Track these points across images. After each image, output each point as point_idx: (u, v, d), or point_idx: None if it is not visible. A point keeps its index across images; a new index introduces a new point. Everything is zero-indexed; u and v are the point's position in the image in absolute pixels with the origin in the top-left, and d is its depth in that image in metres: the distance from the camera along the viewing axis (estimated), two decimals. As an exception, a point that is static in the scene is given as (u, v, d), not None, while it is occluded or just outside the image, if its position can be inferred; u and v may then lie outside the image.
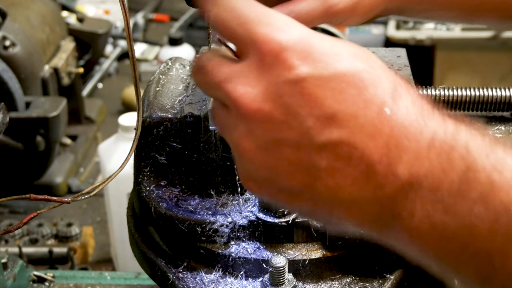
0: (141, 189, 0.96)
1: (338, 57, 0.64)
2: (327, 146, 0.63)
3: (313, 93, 0.62)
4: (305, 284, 0.90)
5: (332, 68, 0.63)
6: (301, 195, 0.66)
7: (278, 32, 0.64)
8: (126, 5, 0.86)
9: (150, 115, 0.97)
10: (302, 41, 0.64)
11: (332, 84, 0.62)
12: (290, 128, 0.63)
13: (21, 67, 2.06)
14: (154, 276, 0.96)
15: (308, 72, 0.63)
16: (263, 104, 0.63)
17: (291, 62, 0.63)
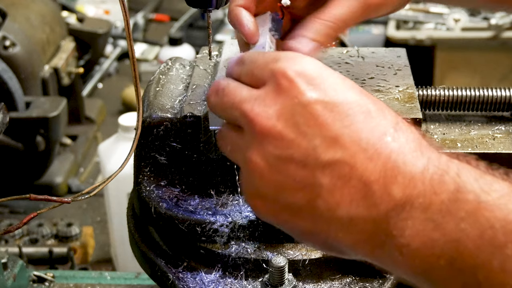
0: (141, 189, 0.96)
1: (347, 89, 0.71)
2: (330, 165, 0.68)
3: (321, 115, 0.69)
4: (305, 284, 0.90)
5: (341, 96, 0.70)
6: (302, 213, 0.71)
7: (294, 63, 0.72)
8: (126, 5, 0.86)
9: (150, 115, 0.97)
10: (315, 71, 0.71)
11: (340, 109, 0.69)
12: (298, 146, 0.69)
13: (21, 67, 2.06)
14: (154, 276, 0.96)
15: (319, 96, 0.70)
16: (277, 123, 0.70)
17: (304, 87, 0.70)
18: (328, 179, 0.68)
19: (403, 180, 0.67)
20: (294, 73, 0.71)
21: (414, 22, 2.74)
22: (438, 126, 1.00)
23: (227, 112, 0.76)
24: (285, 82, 0.71)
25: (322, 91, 0.70)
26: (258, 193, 0.73)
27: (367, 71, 1.02)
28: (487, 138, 0.97)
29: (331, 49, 1.10)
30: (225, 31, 3.03)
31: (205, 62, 1.06)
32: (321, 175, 0.68)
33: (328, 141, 0.68)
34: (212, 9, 0.93)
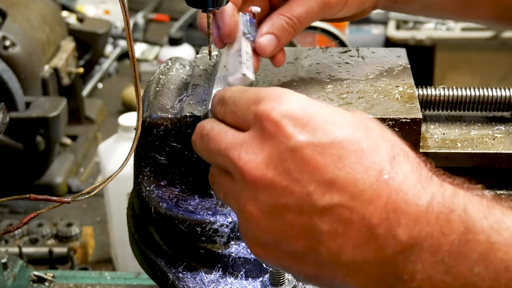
0: (141, 189, 0.96)
1: (337, 125, 0.67)
2: (328, 210, 0.65)
3: (313, 159, 0.66)
4: (305, 284, 0.90)
5: (331, 136, 0.66)
6: (305, 259, 0.68)
7: (278, 104, 0.68)
8: (126, 5, 0.86)
9: (150, 115, 0.97)
10: (301, 110, 0.67)
11: (331, 150, 0.66)
12: (292, 193, 0.66)
13: (21, 67, 2.06)
14: (154, 276, 0.96)
15: (307, 139, 0.66)
16: (266, 171, 0.67)
17: (291, 131, 0.66)
18: (328, 225, 0.65)
19: (408, 221, 0.64)
20: (279, 115, 0.67)
21: (414, 22, 2.74)
22: (438, 126, 1.00)
23: (214, 159, 0.74)
24: (270, 126, 0.67)
25: (311, 133, 0.66)
26: (257, 241, 0.70)
27: (367, 71, 1.02)
28: (487, 138, 0.97)
29: (331, 49, 1.10)
30: (225, 31, 3.03)
31: (205, 62, 1.06)
32: (320, 221, 0.66)
33: (323, 185, 0.65)
34: (212, 9, 0.93)
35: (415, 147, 0.92)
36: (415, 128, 0.91)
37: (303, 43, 2.10)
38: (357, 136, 0.67)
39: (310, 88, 0.98)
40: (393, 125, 0.91)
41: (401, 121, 0.91)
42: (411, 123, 0.91)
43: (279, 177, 0.66)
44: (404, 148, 0.68)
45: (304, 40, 2.40)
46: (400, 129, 0.91)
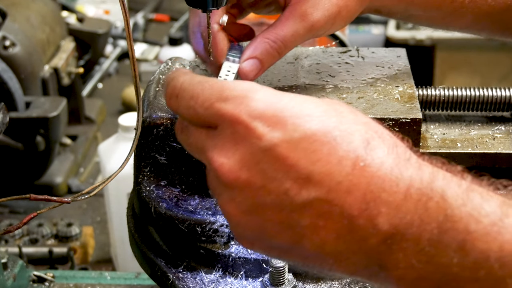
0: (141, 189, 0.96)
1: (307, 118, 0.66)
2: (307, 205, 0.65)
3: (286, 156, 0.65)
4: (305, 284, 0.90)
5: (302, 130, 0.65)
6: (290, 251, 0.69)
7: (245, 105, 0.67)
8: (126, 5, 0.86)
9: (150, 115, 0.97)
10: (270, 108, 0.67)
11: (303, 145, 0.65)
12: (269, 192, 0.66)
13: (21, 67, 2.06)
14: (154, 276, 0.96)
15: (279, 137, 0.65)
16: (240, 173, 0.67)
17: (261, 131, 0.66)
18: (308, 219, 0.65)
19: (387, 210, 0.64)
20: (248, 117, 0.67)
21: (414, 22, 2.74)
22: (438, 126, 1.00)
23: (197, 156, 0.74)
24: (241, 129, 0.67)
25: (282, 130, 0.65)
26: (243, 236, 0.71)
27: (367, 71, 1.02)
28: (487, 138, 0.97)
29: (331, 49, 1.10)
30: (225, 31, 3.03)
31: (205, 62, 1.06)
32: (300, 217, 0.65)
33: (300, 182, 0.65)
34: (212, 9, 0.93)
35: (415, 147, 0.92)
36: (415, 128, 0.91)
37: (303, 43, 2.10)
38: (328, 125, 0.66)
39: (310, 88, 0.98)
40: (393, 125, 0.91)
41: (401, 121, 0.91)
42: (411, 123, 0.91)
43: (254, 177, 0.66)
44: (378, 130, 0.67)
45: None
46: (400, 129, 0.91)
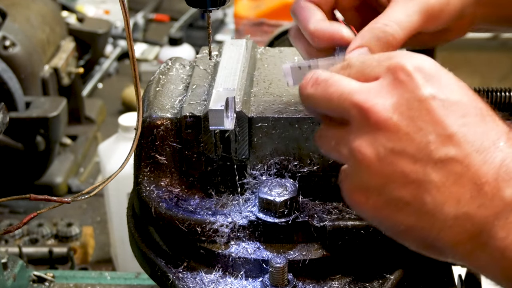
0: (141, 189, 0.96)
1: (462, 89, 0.71)
2: (442, 162, 0.69)
3: (438, 112, 0.69)
4: (305, 284, 0.90)
5: (457, 95, 0.70)
6: (407, 208, 0.70)
7: (411, 58, 0.72)
8: (126, 5, 0.86)
9: (150, 115, 0.97)
10: (433, 69, 0.72)
11: (456, 108, 0.70)
12: (411, 141, 0.69)
13: (21, 67, 2.06)
14: (154, 276, 0.96)
15: (436, 93, 0.70)
16: (392, 115, 0.70)
17: (422, 82, 0.70)
18: (439, 176, 0.68)
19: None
20: (412, 67, 0.71)
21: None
22: (438, 126, 1.00)
23: (332, 103, 0.74)
24: (402, 76, 0.70)
25: (439, 88, 0.70)
26: (363, 186, 0.73)
27: (367, 71, 1.02)
28: (487, 138, 0.97)
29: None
30: (225, 31, 3.04)
31: (205, 62, 1.06)
32: (432, 171, 0.69)
33: (443, 138, 0.69)
34: (212, 9, 0.93)
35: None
36: (415, 128, 0.91)
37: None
38: (480, 104, 0.70)
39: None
40: (393, 125, 0.91)
41: (401, 121, 0.91)
42: None
43: (402, 122, 0.69)
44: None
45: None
46: (400, 129, 0.91)
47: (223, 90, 0.93)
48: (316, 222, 0.90)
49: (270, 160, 0.94)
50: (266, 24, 2.48)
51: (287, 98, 0.96)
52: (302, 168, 0.94)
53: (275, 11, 2.58)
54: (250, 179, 0.95)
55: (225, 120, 0.89)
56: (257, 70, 1.05)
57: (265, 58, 1.08)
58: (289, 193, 0.90)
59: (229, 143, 0.94)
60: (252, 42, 1.08)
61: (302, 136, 0.93)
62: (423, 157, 0.69)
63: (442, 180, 0.68)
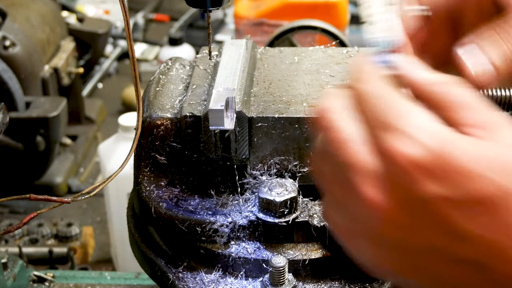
0: (141, 189, 0.96)
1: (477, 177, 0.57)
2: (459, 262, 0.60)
3: (446, 215, 0.58)
4: (305, 284, 0.90)
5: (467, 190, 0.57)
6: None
7: (406, 144, 0.58)
8: (126, 5, 0.86)
9: (150, 115, 0.97)
10: (435, 155, 0.58)
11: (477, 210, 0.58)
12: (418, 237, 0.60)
13: (21, 67, 2.06)
14: (154, 276, 0.96)
15: (441, 193, 0.58)
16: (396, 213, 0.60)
17: (422, 182, 0.58)
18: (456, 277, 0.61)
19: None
20: (404, 161, 0.58)
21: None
22: (438, 126, 1.00)
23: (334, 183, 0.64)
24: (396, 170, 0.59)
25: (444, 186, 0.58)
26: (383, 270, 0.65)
27: (367, 71, 1.02)
28: (487, 138, 0.97)
29: (331, 49, 1.10)
30: (225, 31, 3.04)
31: (205, 62, 1.06)
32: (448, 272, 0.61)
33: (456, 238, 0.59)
34: (212, 9, 0.93)
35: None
36: (415, 128, 0.91)
37: (303, 43, 2.10)
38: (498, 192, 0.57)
39: (310, 88, 0.98)
40: (393, 125, 0.91)
41: (401, 121, 0.91)
42: None
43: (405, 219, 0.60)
44: None
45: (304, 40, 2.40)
46: (400, 129, 0.91)
47: (223, 90, 0.93)
48: (316, 222, 0.90)
49: (270, 160, 0.94)
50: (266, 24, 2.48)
51: (287, 98, 0.96)
52: (302, 168, 0.94)
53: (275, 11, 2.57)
54: (250, 179, 0.95)
55: (225, 120, 0.89)
56: (257, 70, 1.05)
57: (265, 58, 1.08)
58: (289, 193, 0.90)
59: (229, 143, 0.94)
60: (252, 42, 1.08)
61: (302, 136, 0.93)
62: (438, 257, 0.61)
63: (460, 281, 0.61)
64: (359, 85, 0.63)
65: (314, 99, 0.95)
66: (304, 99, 0.95)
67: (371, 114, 0.61)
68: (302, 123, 0.92)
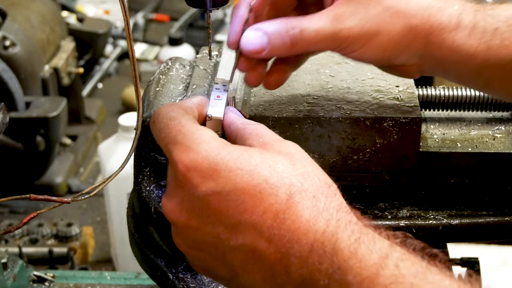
0: (141, 189, 0.96)
1: (238, 171, 0.72)
2: (236, 249, 0.72)
3: (217, 206, 0.72)
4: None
5: (232, 184, 0.71)
6: (232, 283, 0.76)
7: (186, 153, 0.74)
8: (126, 5, 0.86)
9: (150, 115, 0.97)
10: (207, 160, 0.73)
11: (232, 197, 0.71)
12: (205, 234, 0.73)
13: (21, 67, 2.06)
14: (154, 276, 0.96)
15: (211, 188, 0.72)
16: (180, 214, 0.75)
17: (195, 182, 0.73)
18: (238, 261, 0.72)
19: (297, 260, 0.68)
20: (185, 168, 0.73)
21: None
22: (438, 126, 1.00)
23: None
24: (179, 176, 0.74)
25: (214, 182, 0.72)
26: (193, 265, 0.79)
27: (367, 71, 1.02)
28: (487, 138, 0.97)
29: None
30: (225, 31, 3.04)
31: (205, 62, 1.06)
32: (232, 257, 0.72)
33: (229, 228, 0.71)
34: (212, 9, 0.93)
35: (415, 147, 0.92)
36: (415, 128, 0.91)
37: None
38: (256, 181, 0.71)
39: (310, 88, 0.98)
40: (393, 125, 0.91)
41: (401, 121, 0.91)
42: (411, 123, 0.91)
43: (191, 220, 0.74)
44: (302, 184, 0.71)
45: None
46: (400, 129, 0.91)
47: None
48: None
49: (270, 160, 0.94)
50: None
51: (287, 98, 0.96)
52: (302, 168, 0.94)
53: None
54: (250, 179, 0.95)
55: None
56: (257, 70, 1.04)
57: (265, 58, 1.08)
58: (289, 193, 0.90)
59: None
60: (252, 42, 1.08)
61: (302, 136, 0.93)
62: (220, 246, 0.73)
63: (242, 265, 0.72)
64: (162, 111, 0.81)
65: (314, 99, 0.95)
66: (304, 99, 0.95)
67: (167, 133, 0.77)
68: (302, 123, 0.92)
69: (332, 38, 0.83)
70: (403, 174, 0.94)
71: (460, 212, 0.94)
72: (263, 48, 0.84)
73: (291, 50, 0.84)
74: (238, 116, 0.84)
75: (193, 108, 0.82)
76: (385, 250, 0.66)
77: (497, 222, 0.93)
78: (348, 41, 0.84)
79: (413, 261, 0.65)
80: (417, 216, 0.92)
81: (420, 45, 0.85)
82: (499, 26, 0.83)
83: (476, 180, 0.95)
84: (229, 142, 0.76)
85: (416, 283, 0.63)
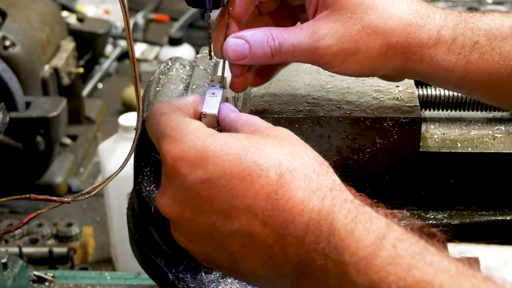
0: (141, 189, 0.96)
1: (226, 156, 0.72)
2: (232, 235, 0.71)
3: (208, 194, 0.71)
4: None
5: (220, 170, 0.71)
6: (233, 271, 0.75)
7: (173, 144, 0.74)
8: (126, 5, 0.86)
9: (150, 115, 0.97)
10: (193, 149, 0.73)
11: (222, 182, 0.71)
12: (199, 224, 0.73)
13: (21, 67, 2.06)
14: (154, 276, 0.96)
15: (200, 177, 0.72)
16: (173, 207, 0.74)
17: (184, 172, 0.72)
18: (236, 247, 0.72)
19: (294, 240, 0.68)
20: (172, 159, 0.73)
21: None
22: (438, 126, 1.00)
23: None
24: (168, 168, 0.74)
25: (202, 170, 0.71)
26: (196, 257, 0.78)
27: (367, 71, 1.02)
28: (487, 138, 0.97)
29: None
30: (225, 31, 3.03)
31: (205, 62, 1.06)
32: (229, 244, 0.72)
33: (223, 215, 0.71)
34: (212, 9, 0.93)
35: (415, 147, 0.92)
36: (415, 128, 0.91)
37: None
38: (245, 164, 0.71)
39: (310, 88, 0.99)
40: (393, 125, 0.91)
41: (401, 121, 0.91)
42: (411, 123, 0.91)
43: (185, 211, 0.73)
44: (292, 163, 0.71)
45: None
46: (400, 129, 0.91)
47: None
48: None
49: (270, 160, 0.94)
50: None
51: (287, 98, 0.96)
52: (302, 168, 0.94)
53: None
54: (250, 179, 0.95)
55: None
56: (257, 70, 1.04)
57: (265, 58, 1.08)
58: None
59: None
60: (252, 42, 1.08)
61: (302, 136, 0.93)
62: (216, 235, 0.72)
63: (241, 250, 0.71)
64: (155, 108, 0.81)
65: (314, 99, 0.95)
66: (304, 99, 0.95)
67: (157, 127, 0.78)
68: (302, 123, 0.92)
69: (310, 54, 0.86)
70: (403, 174, 0.94)
71: (460, 212, 0.94)
72: (244, 55, 0.87)
73: (272, 59, 0.87)
74: (232, 109, 0.84)
75: (187, 105, 0.83)
76: (382, 230, 0.66)
77: (497, 222, 0.93)
78: (326, 59, 0.86)
79: (411, 242, 0.65)
80: (417, 216, 0.93)
81: (399, 61, 0.87)
82: (478, 40, 0.85)
83: (476, 180, 0.95)
84: (216, 131, 0.76)
85: (414, 264, 0.62)
